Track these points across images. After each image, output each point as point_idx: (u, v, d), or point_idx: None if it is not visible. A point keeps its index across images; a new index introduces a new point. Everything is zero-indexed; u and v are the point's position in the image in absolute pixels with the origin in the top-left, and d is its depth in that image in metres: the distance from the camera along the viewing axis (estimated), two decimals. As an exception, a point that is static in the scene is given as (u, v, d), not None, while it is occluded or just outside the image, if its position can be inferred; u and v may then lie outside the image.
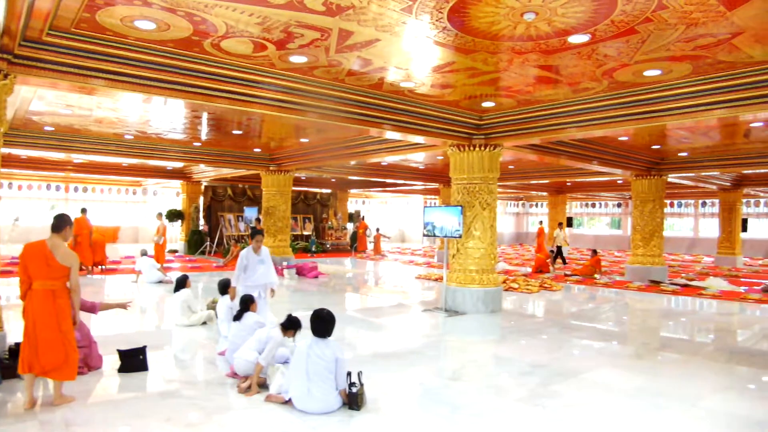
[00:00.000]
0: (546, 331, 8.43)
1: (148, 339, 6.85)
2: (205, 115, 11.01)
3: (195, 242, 22.06)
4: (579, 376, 5.96)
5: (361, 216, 27.90)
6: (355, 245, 24.79)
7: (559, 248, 18.73)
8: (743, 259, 22.80)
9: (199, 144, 14.70)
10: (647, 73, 6.93)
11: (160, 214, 15.96)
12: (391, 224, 36.38)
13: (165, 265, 15.19)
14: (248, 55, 6.57)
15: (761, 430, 4.55)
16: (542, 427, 4.49)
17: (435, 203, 30.14)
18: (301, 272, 15.27)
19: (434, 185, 22.57)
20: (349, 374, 4.81)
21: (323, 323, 4.90)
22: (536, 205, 37.76)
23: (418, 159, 16.84)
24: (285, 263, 15.72)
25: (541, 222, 23.77)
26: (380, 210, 37.53)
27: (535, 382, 5.72)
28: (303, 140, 13.96)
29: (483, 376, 6.08)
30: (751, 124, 10.64)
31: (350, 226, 27.58)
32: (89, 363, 5.70)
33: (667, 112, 7.62)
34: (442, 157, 15.19)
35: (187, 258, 20.12)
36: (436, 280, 14.62)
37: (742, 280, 16.01)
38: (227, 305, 7.32)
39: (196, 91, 6.78)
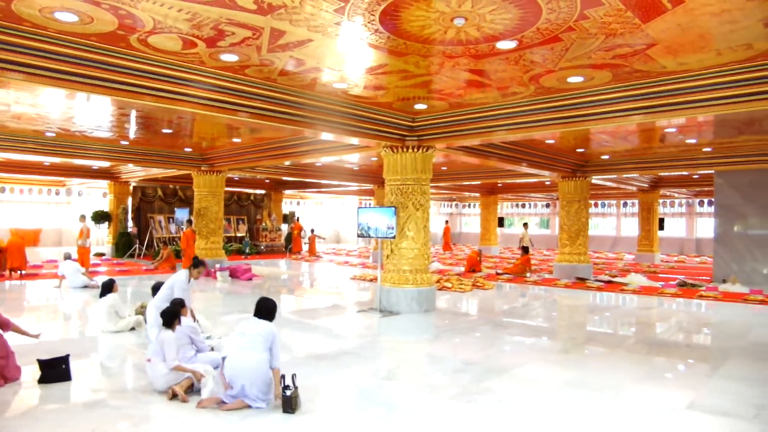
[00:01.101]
0: (479, 329, 8.64)
1: (72, 347, 6.54)
2: (133, 113, 10.62)
3: (123, 245, 21.25)
4: (510, 372, 6.14)
5: (296, 217, 27.65)
6: (290, 246, 24.54)
7: (525, 248, 19.05)
8: (661, 255, 24.14)
9: (126, 143, 14.16)
10: (571, 79, 7.24)
11: (83, 216, 15.28)
12: (326, 225, 36.22)
13: (91, 269, 14.56)
14: (177, 51, 6.40)
15: (675, 414, 4.84)
16: (475, 423, 4.59)
17: (370, 204, 30.26)
18: (234, 274, 14.99)
19: (369, 186, 22.66)
20: (283, 377, 4.77)
21: (267, 309, 5.08)
22: (469, 206, 38.56)
23: (352, 160, 16.87)
24: (218, 266, 15.38)
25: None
26: (315, 211, 37.29)
27: (468, 379, 5.84)
28: (235, 140, 13.71)
29: (417, 375, 6.17)
30: (666, 130, 11.29)
31: (285, 228, 27.29)
32: (6, 374, 5.39)
33: (590, 116, 7.97)
34: (376, 159, 15.28)
35: (115, 261, 19.36)
36: (371, 280, 14.68)
37: (659, 275, 16.92)
38: (158, 309, 7.08)
39: (122, 88, 6.52)
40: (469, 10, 4.93)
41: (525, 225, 20.29)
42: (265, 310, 5.08)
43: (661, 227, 24.27)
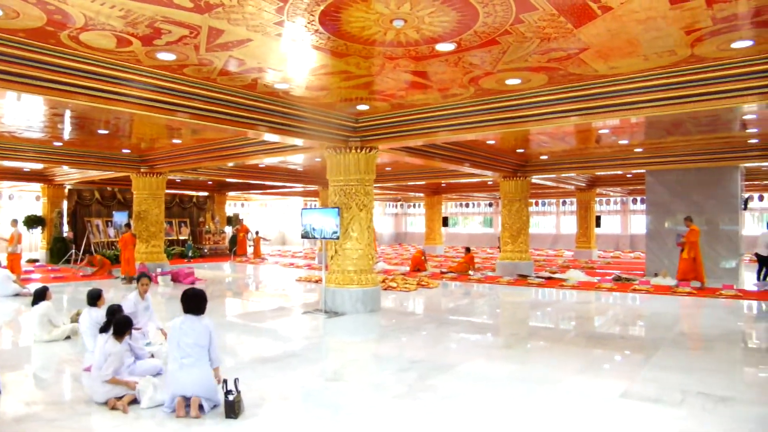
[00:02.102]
0: (424, 328, 8.74)
1: (3, 358, 6.26)
2: (67, 113, 10.22)
3: (58, 250, 20.34)
4: (454, 369, 6.24)
5: (240, 219, 27.22)
6: (234, 249, 24.14)
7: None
8: (598, 252, 25.05)
9: (60, 144, 13.60)
10: (509, 81, 7.43)
11: (14, 221, 14.57)
12: (271, 227, 35.84)
13: (23, 276, 13.90)
14: (111, 50, 6.20)
15: (609, 403, 5.03)
16: (419, 421, 4.65)
17: (315, 205, 30.11)
18: (176, 279, 14.63)
19: (314, 187, 22.58)
20: (225, 382, 4.70)
21: (195, 300, 4.92)
22: (414, 206, 38.92)
23: (297, 161, 16.75)
24: (159, 270, 14.98)
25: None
26: (260, 213, 36.84)
27: (413, 377, 5.90)
28: (176, 141, 13.38)
29: (363, 375, 6.19)
30: (601, 131, 11.75)
31: (229, 230, 26.83)
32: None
33: (528, 118, 8.21)
34: (320, 159, 15.23)
35: (50, 267, 18.52)
36: (316, 281, 14.62)
37: (597, 271, 17.54)
38: (93, 317, 6.83)
39: (53, 87, 6.26)
40: (408, 12, 4.99)
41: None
42: (195, 303, 4.93)
43: (598, 224, 25.21)
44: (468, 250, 18.17)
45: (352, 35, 5.65)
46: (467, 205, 36.40)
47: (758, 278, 14.09)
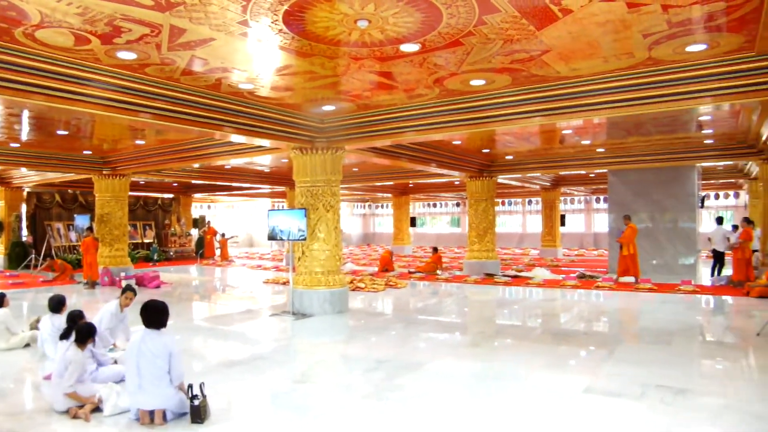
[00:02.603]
0: (392, 328, 8.76)
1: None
2: (25, 113, 9.93)
3: (17, 255, 19.74)
4: (422, 368, 6.27)
5: (207, 221, 26.88)
6: (201, 251, 23.83)
7: None
8: (563, 250, 25.49)
9: (18, 145, 13.22)
10: (473, 82, 7.50)
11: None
12: (238, 228, 35.47)
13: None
14: (69, 48, 6.05)
15: (573, 398, 5.13)
16: (387, 421, 4.66)
17: (283, 206, 29.92)
18: (141, 282, 14.34)
19: (281, 188, 22.43)
20: (190, 386, 4.63)
21: (155, 313, 4.67)
22: (382, 206, 38.99)
23: (264, 162, 16.63)
24: (123, 274, 14.68)
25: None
26: (227, 214, 36.42)
27: (381, 377, 5.91)
28: (139, 142, 13.13)
29: (331, 376, 6.18)
30: (564, 131, 11.96)
31: (195, 232, 26.46)
32: None
33: (492, 118, 8.30)
34: (287, 160, 15.14)
35: (8, 273, 17.95)
36: (284, 283, 14.53)
37: (562, 269, 17.86)
38: (56, 324, 6.65)
39: (8, 86, 6.06)
40: (372, 12, 5.01)
41: None
42: (155, 317, 4.66)
43: (563, 223, 25.65)
44: (435, 249, 18.29)
45: (317, 35, 5.63)
46: (435, 205, 36.64)
47: (712, 274, 14.56)
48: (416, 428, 4.50)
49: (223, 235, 24.51)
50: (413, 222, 30.83)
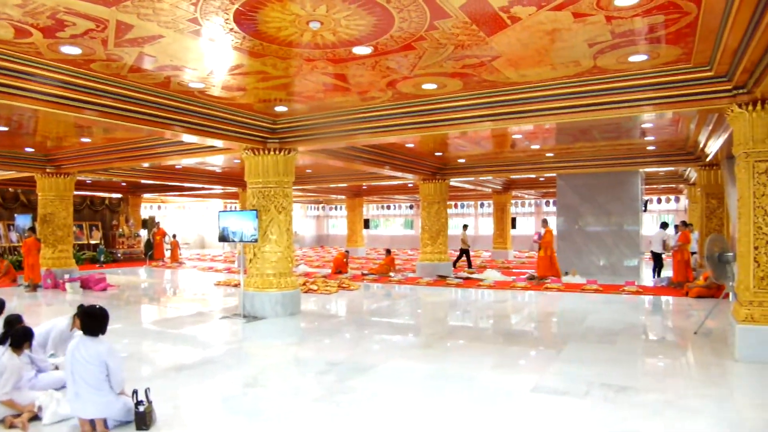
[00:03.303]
0: (344, 330, 8.76)
1: None
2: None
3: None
4: (374, 370, 6.29)
5: (157, 222, 26.24)
6: (150, 253, 23.25)
7: (464, 250, 19.37)
8: (513, 252, 25.99)
9: (-48, 142, 12.62)
10: (425, 86, 7.58)
11: None
12: (189, 230, 34.77)
13: None
14: (9, 41, 5.80)
15: (521, 397, 5.25)
16: (337, 423, 4.67)
17: (236, 207, 29.49)
18: (86, 285, 13.89)
19: (234, 189, 22.11)
20: (135, 392, 4.51)
21: (92, 320, 4.48)
22: (335, 208, 38.91)
23: (216, 162, 16.35)
24: (67, 276, 14.17)
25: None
26: (178, 215, 35.64)
27: (332, 380, 5.91)
28: (85, 140, 12.71)
29: (282, 379, 6.13)
30: (514, 136, 12.21)
31: (144, 233, 25.78)
32: None
33: (445, 122, 8.41)
34: (239, 161, 14.93)
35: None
36: (235, 285, 14.31)
37: (512, 270, 18.19)
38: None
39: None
40: (324, 14, 5.00)
41: (465, 227, 20.83)
42: (93, 324, 4.47)
43: (514, 226, 26.18)
44: (389, 251, 18.36)
45: (269, 35, 5.59)
46: (388, 207, 36.78)
47: (654, 275, 15.14)
48: (368, 430, 4.52)
49: (174, 236, 23.98)
50: (367, 224, 30.87)
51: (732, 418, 4.73)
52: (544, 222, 14.93)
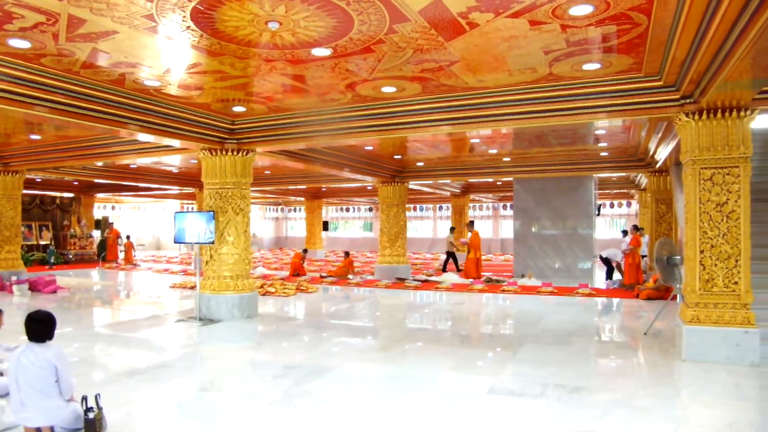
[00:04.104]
0: (302, 332, 8.70)
1: None
2: None
3: None
4: (331, 373, 6.27)
5: (110, 222, 25.54)
6: (103, 254, 22.62)
7: (450, 253, 19.36)
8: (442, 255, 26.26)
9: None
10: (384, 89, 7.60)
11: None
12: (145, 231, 33.99)
13: None
14: (-49, 33, 5.58)
15: (478, 398, 5.32)
16: (294, 427, 4.63)
17: (193, 208, 28.98)
18: (35, 287, 13.40)
19: (191, 190, 21.73)
20: (84, 399, 4.37)
21: (38, 326, 4.28)
22: (295, 210, 38.65)
23: (173, 162, 16.03)
24: (14, 278, 13.65)
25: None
26: (133, 216, 34.79)
27: (289, 383, 5.86)
28: (35, 137, 12.27)
29: (238, 383, 6.04)
30: (472, 140, 12.37)
31: (97, 234, 25.06)
32: None
33: (403, 125, 8.46)
34: (196, 161, 14.69)
35: None
36: (192, 288, 14.03)
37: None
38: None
39: None
40: (283, 15, 4.97)
41: (451, 229, 20.84)
42: (39, 330, 4.26)
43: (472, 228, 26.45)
44: (347, 254, 18.33)
45: (227, 35, 5.52)
46: (348, 210, 36.74)
47: (607, 277, 15.56)
48: (323, 433, 4.50)
49: (128, 237, 23.40)
50: (326, 226, 30.76)
51: (679, 416, 4.90)
52: (470, 225, 15.21)
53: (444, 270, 18.79)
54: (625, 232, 16.16)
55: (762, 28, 3.92)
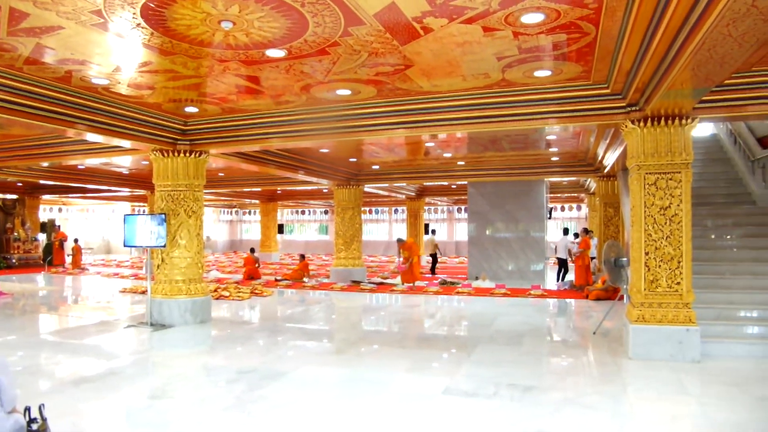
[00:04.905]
0: (256, 336, 8.60)
1: None
2: None
3: None
4: (286, 377, 6.21)
5: (57, 225, 24.66)
6: (49, 259, 21.82)
7: (433, 256, 19.53)
8: (427, 257, 26.37)
9: None
10: (340, 92, 7.60)
11: None
12: (94, 234, 32.97)
13: None
14: None
15: (433, 399, 5.36)
16: None
17: (144, 211, 28.26)
18: (-28, 294, 12.87)
19: (142, 192, 21.20)
20: (28, 409, 4.20)
21: None
22: (249, 213, 38.16)
23: (123, 163, 15.60)
24: (-51, 284, 13.07)
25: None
26: (81, 218, 33.69)
27: (242, 388, 5.78)
28: (-28, 137, 11.77)
29: (190, 389, 5.92)
30: (428, 144, 12.48)
31: (42, 237, 24.16)
32: None
33: (358, 128, 8.47)
34: (148, 162, 14.33)
35: None
36: (143, 293, 13.69)
37: (425, 276, 18.48)
38: None
39: None
40: (237, 14, 4.91)
41: (433, 231, 20.77)
42: None
43: (427, 232, 26.66)
44: (302, 257, 18.22)
45: (179, 33, 5.41)
46: (303, 213, 36.50)
47: (557, 279, 15.95)
48: (277, 437, 4.46)
49: (75, 240, 22.64)
50: (281, 229, 30.46)
51: (625, 412, 5.06)
52: (400, 240, 15.71)
53: (433, 271, 19.44)
54: (566, 231, 16.59)
55: (701, 40, 4.11)
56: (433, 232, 21.13)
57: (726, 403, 5.27)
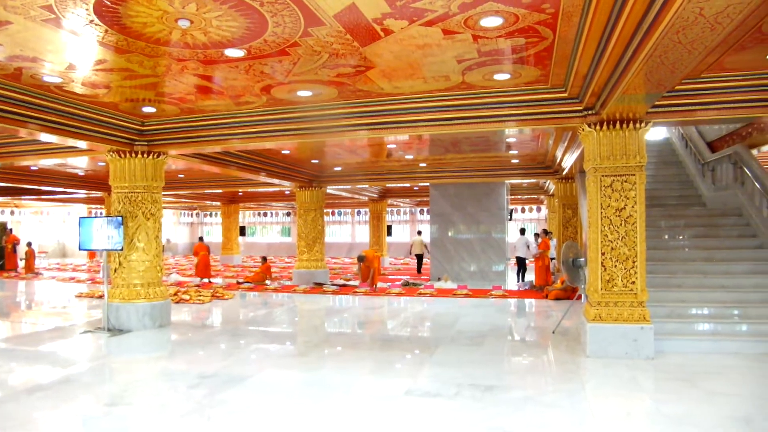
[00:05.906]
0: (217, 340, 8.47)
1: None
2: None
3: None
4: (247, 381, 6.14)
5: (9, 228, 23.83)
6: (1, 263, 21.09)
7: (419, 256, 19.42)
8: (390, 259, 26.55)
9: None
10: (300, 93, 7.54)
11: None
12: (48, 237, 31.97)
13: None
14: None
15: (395, 401, 5.37)
16: (203, 437, 4.51)
17: (101, 213, 27.55)
18: None
19: (99, 194, 20.66)
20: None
21: None
22: (210, 215, 37.59)
23: (78, 164, 15.16)
24: None
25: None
26: (35, 221, 32.64)
27: (203, 393, 5.69)
28: None
29: (148, 395, 5.78)
30: (390, 146, 12.51)
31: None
32: None
33: (319, 130, 8.43)
34: (105, 164, 13.98)
35: None
36: (100, 297, 13.35)
37: (388, 277, 18.58)
38: None
39: None
40: (194, 13, 4.83)
41: (419, 233, 20.62)
42: None
43: (389, 233, 26.81)
44: (264, 259, 18.05)
45: (135, 31, 5.29)
46: (265, 215, 36.15)
47: (518, 279, 16.20)
48: (236, 442, 4.40)
49: (29, 244, 21.92)
50: (243, 231, 30.10)
51: (583, 409, 5.17)
52: (363, 255, 15.74)
53: (419, 272, 19.74)
54: (522, 231, 16.88)
55: (653, 46, 4.24)
56: (419, 233, 21.32)
57: (678, 398, 5.44)
